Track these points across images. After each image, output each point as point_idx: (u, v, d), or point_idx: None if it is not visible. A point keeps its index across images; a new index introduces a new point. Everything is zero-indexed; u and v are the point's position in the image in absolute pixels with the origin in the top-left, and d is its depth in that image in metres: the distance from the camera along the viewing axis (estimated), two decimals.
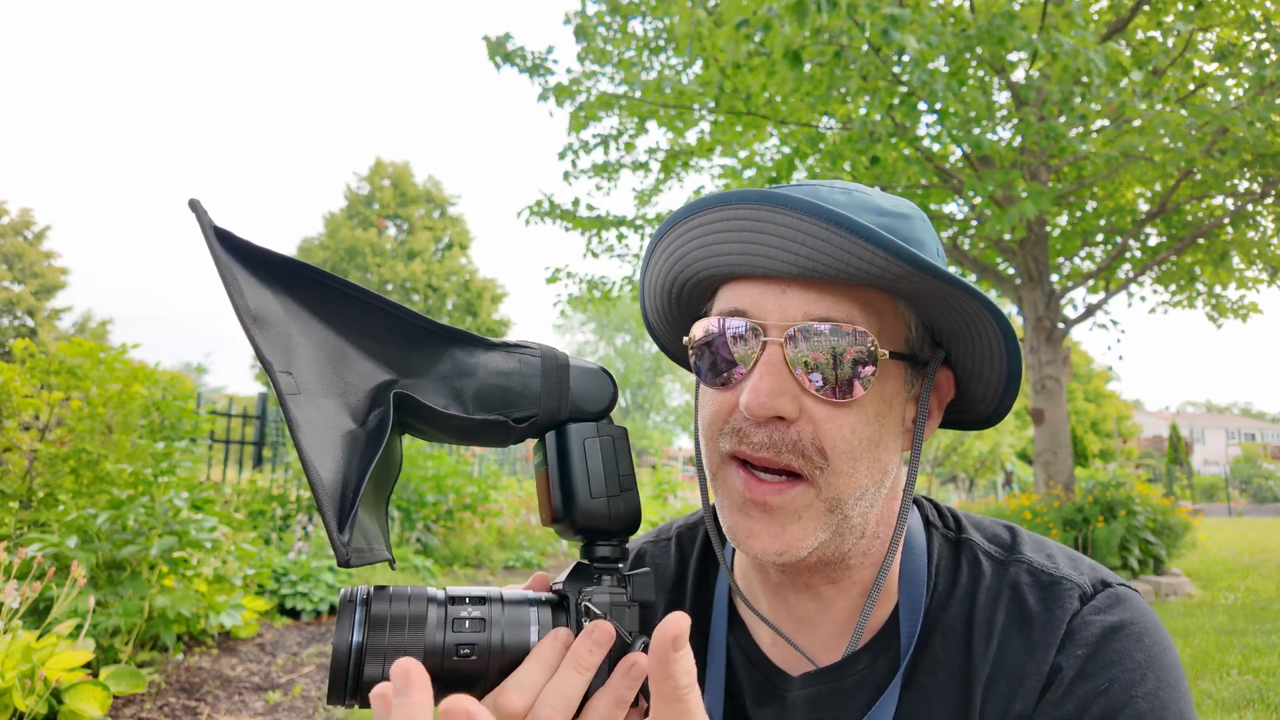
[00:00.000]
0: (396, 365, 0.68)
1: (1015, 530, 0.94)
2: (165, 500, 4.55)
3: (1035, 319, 9.07)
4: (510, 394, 0.70)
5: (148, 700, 3.90)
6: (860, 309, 0.79)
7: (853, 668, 0.87)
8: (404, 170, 39.36)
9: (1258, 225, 9.49)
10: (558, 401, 0.71)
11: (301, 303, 0.66)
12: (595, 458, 0.72)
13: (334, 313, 0.67)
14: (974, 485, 32.15)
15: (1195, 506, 21.84)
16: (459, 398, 0.69)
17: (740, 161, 10.34)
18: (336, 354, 0.66)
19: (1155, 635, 0.81)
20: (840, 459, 0.78)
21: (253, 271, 0.63)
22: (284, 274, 0.65)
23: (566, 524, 0.72)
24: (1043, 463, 9.19)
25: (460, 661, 0.64)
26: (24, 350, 5.22)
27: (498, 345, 0.71)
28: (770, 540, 0.80)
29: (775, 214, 0.75)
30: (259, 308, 0.61)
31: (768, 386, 0.76)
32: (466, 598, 0.67)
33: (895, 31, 5.65)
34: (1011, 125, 8.29)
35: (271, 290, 0.64)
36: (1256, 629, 6.25)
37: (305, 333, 0.64)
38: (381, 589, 0.66)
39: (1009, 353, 0.82)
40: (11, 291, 30.98)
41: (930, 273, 0.72)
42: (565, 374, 0.72)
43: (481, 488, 9.37)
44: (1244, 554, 11.96)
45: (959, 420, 0.96)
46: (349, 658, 0.61)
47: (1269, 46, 7.37)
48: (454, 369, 0.69)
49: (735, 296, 0.83)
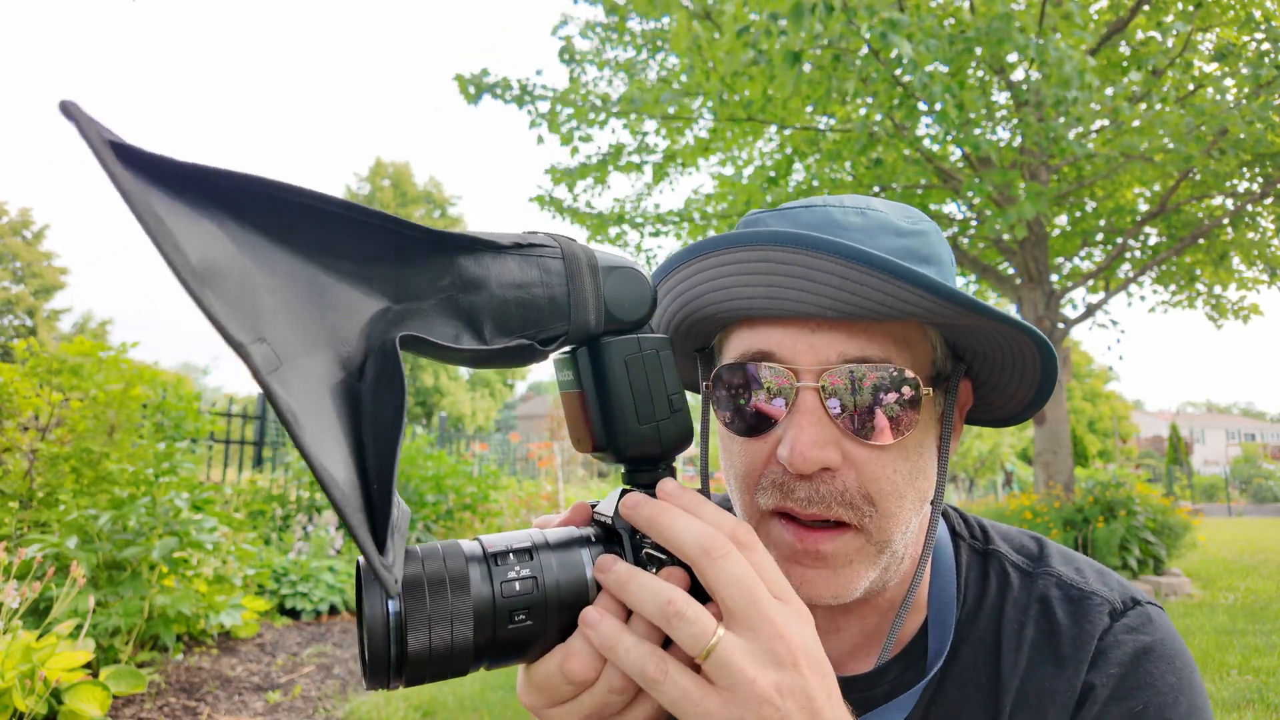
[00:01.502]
0: (386, 288, 0.55)
1: (1043, 542, 0.93)
2: (166, 500, 4.55)
3: (1035, 319, 9.07)
4: (534, 310, 0.58)
5: (148, 700, 3.90)
6: (894, 343, 0.75)
7: (883, 678, 0.86)
8: (404, 170, 39.38)
9: (1257, 225, 9.48)
10: (590, 314, 0.60)
11: (253, 231, 0.48)
12: (640, 379, 0.62)
13: (297, 235, 0.51)
14: (974, 485, 32.15)
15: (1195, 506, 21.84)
16: (472, 323, 0.57)
17: (737, 166, 10.35)
18: (311, 290, 0.51)
19: (1184, 658, 0.81)
20: (887, 502, 0.76)
21: (179, 199, 0.44)
22: (222, 197, 0.47)
23: (610, 452, 0.64)
24: (1043, 463, 9.19)
25: (517, 628, 0.58)
26: (26, 350, 5.22)
27: (509, 248, 0.58)
28: (824, 586, 0.77)
29: (802, 256, 0.70)
30: (204, 256, 0.43)
31: (809, 439, 0.72)
32: (510, 552, 0.59)
33: (894, 35, 5.65)
34: (1011, 125, 8.28)
35: (211, 221, 0.46)
36: (1256, 629, 6.25)
37: (268, 271, 0.48)
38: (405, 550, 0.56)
39: (1045, 375, 0.80)
40: (10, 292, 30.97)
41: (980, 312, 0.69)
42: (596, 278, 0.61)
43: (481, 488, 9.36)
44: (1244, 554, 11.96)
45: (972, 419, 0.95)
46: (387, 631, 0.54)
47: (1269, 46, 7.36)
48: (459, 283, 0.56)
49: (760, 338, 0.77)
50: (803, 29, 5.62)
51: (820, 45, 6.56)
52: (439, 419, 16.88)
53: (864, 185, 8.94)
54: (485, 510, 9.91)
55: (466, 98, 8.80)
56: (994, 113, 7.89)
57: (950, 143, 7.89)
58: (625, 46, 9.54)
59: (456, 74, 8.67)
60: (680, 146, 10.02)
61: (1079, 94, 5.87)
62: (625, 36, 9.43)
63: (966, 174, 8.33)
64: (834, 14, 5.58)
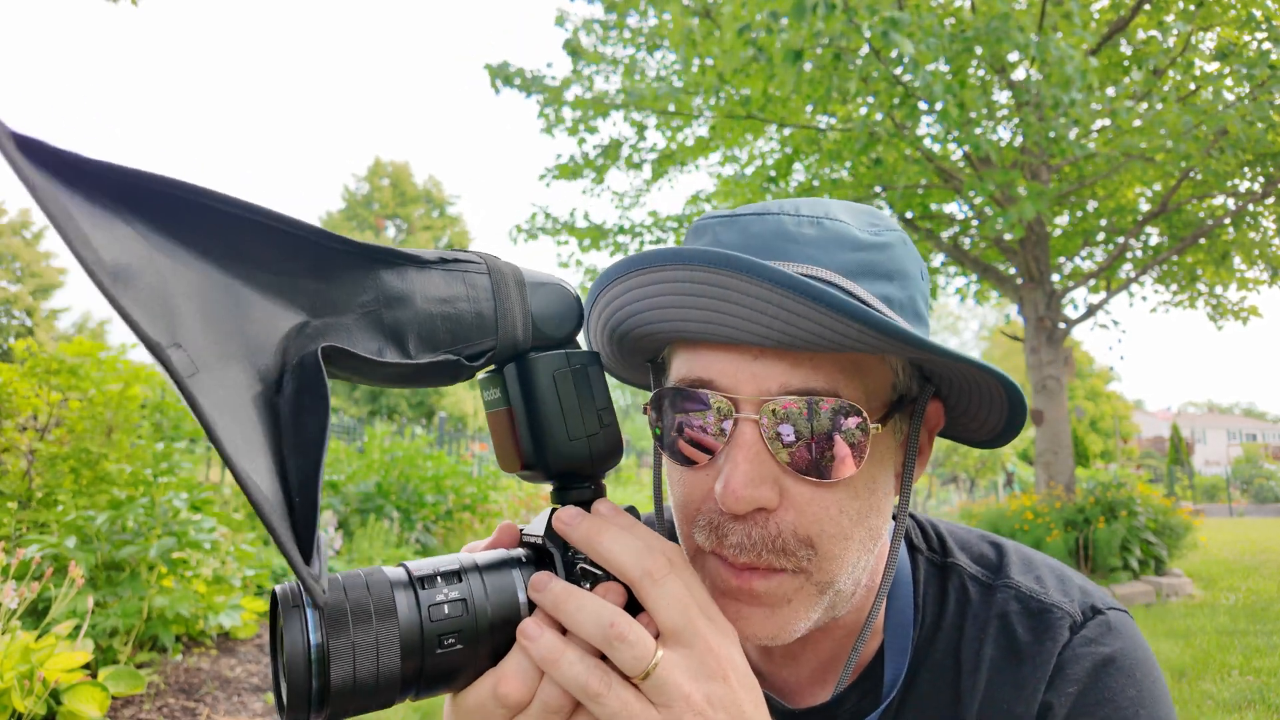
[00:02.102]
0: (305, 301, 0.52)
1: (1002, 547, 0.90)
2: (165, 501, 4.54)
3: (1036, 319, 9.06)
4: (460, 325, 0.57)
5: (146, 701, 3.89)
6: (841, 373, 0.69)
7: (841, 707, 0.84)
8: (403, 170, 39.38)
9: (1259, 225, 9.48)
10: (518, 329, 0.59)
11: (168, 235, 0.47)
12: (570, 394, 0.61)
13: (214, 241, 0.49)
14: (975, 486, 32.14)
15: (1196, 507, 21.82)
16: (396, 337, 0.55)
17: (739, 164, 10.34)
18: (227, 299, 0.49)
19: (1146, 667, 0.79)
20: (829, 544, 0.70)
21: (88, 197, 0.44)
22: (136, 198, 0.46)
23: (539, 470, 0.63)
24: (1044, 463, 9.18)
25: (446, 653, 0.56)
26: (25, 350, 5.21)
27: (432, 262, 0.57)
28: (760, 625, 0.72)
29: (738, 281, 0.63)
30: (117, 256, 0.43)
31: (743, 476, 0.66)
32: (437, 575, 0.57)
33: (895, 33, 5.64)
34: (1012, 125, 8.28)
35: (124, 222, 0.45)
36: (1258, 629, 6.24)
37: (181, 278, 0.47)
38: (329, 577, 0.55)
39: (1013, 410, 0.76)
40: (9, 291, 30.99)
41: (928, 350, 0.63)
42: (523, 293, 0.60)
43: (481, 488, 9.35)
44: (1245, 554, 11.95)
45: (949, 437, 0.92)
46: (308, 663, 0.51)
47: (1270, 46, 7.35)
48: (381, 298, 0.54)
49: (699, 364, 0.71)
50: (804, 26, 5.62)
51: (821, 44, 6.56)
52: (439, 419, 16.89)
53: (864, 185, 8.94)
54: (485, 510, 9.90)
55: (495, 88, 9.29)
56: (995, 112, 7.89)
57: (951, 142, 7.89)
58: (624, 44, 9.55)
59: (486, 64, 9.20)
60: (678, 147, 10.02)
61: (1079, 95, 5.86)
62: (625, 34, 9.43)
63: (967, 174, 8.32)
64: (835, 12, 5.58)
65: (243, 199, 0.50)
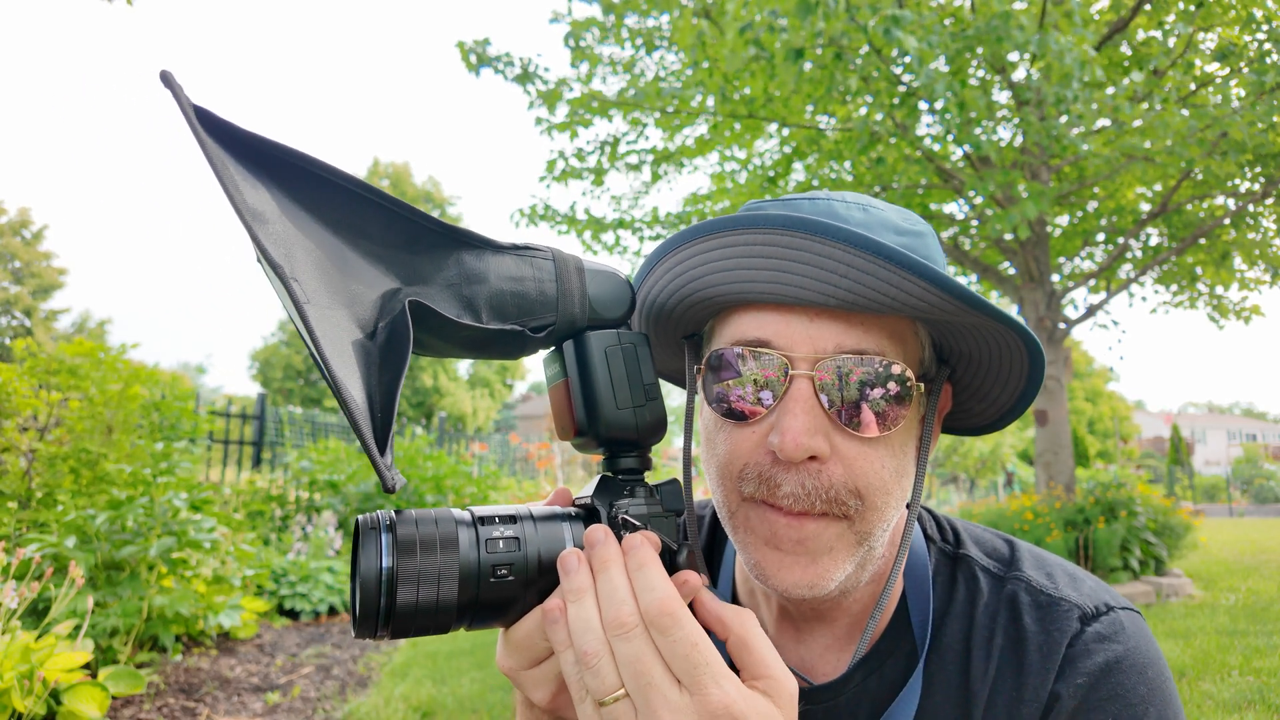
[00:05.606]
0: (400, 271, 0.61)
1: (1015, 545, 0.92)
2: (164, 500, 4.53)
3: (1036, 319, 9.06)
4: (526, 301, 0.65)
5: (146, 701, 3.89)
6: (889, 338, 0.75)
7: (846, 686, 0.86)
8: (403, 170, 39.37)
9: (1259, 225, 9.47)
10: (576, 308, 0.67)
11: (295, 198, 0.58)
12: (619, 367, 0.68)
13: (330, 210, 0.59)
14: (975, 486, 32.14)
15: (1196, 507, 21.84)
16: (471, 306, 0.63)
17: (739, 162, 10.32)
18: (338, 258, 0.59)
19: (1156, 666, 0.79)
20: (875, 495, 0.75)
21: (241, 160, 0.55)
22: (274, 164, 0.57)
23: (590, 437, 0.69)
24: (1044, 463, 9.18)
25: (498, 584, 0.62)
26: (25, 350, 5.21)
27: (507, 248, 0.65)
28: (801, 572, 0.75)
29: (808, 241, 0.69)
30: (256, 203, 0.53)
31: (801, 426, 0.71)
32: (496, 517, 0.64)
33: (897, 30, 5.64)
34: (1013, 125, 8.27)
35: (264, 183, 0.56)
36: (1258, 630, 6.23)
37: (305, 234, 0.57)
38: (401, 512, 0.62)
39: (1030, 378, 0.80)
40: (9, 291, 30.96)
41: (981, 308, 0.69)
42: (582, 278, 0.67)
43: (481, 488, 9.34)
44: (1245, 555, 11.94)
45: (947, 427, 0.95)
46: (379, 584, 0.58)
47: (1270, 47, 7.35)
48: (462, 274, 0.63)
49: (756, 325, 0.76)
50: (805, 25, 5.61)
51: (822, 43, 6.55)
52: (438, 419, 16.88)
53: (865, 185, 8.93)
54: None
55: (468, 66, 8.73)
56: (995, 112, 7.88)
57: (951, 142, 7.88)
58: (622, 45, 9.52)
59: (459, 41, 8.58)
60: (677, 146, 10.00)
61: (1080, 91, 5.86)
62: (623, 34, 9.40)
63: (968, 173, 8.32)
64: (837, 7, 5.57)
65: (357, 177, 0.59)
